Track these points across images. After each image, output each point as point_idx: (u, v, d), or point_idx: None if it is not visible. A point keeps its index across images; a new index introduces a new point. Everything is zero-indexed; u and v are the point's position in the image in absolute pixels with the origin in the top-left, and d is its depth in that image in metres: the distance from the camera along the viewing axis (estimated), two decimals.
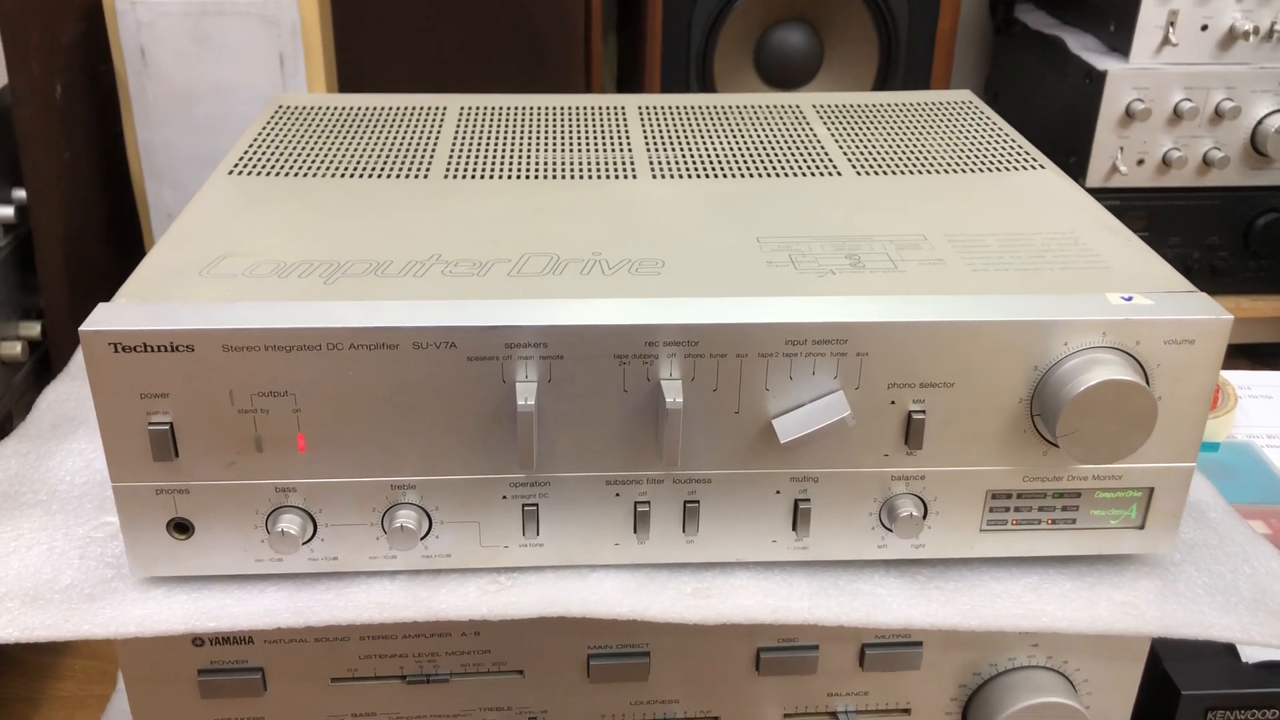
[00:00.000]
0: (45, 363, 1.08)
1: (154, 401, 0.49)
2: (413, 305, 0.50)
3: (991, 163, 0.68)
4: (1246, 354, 1.48)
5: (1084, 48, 1.43)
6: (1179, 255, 1.39)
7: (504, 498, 0.53)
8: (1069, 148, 1.42)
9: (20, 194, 1.02)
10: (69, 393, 0.69)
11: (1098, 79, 1.37)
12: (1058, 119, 1.47)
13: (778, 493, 0.53)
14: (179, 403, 0.49)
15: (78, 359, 0.73)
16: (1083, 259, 0.56)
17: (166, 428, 0.49)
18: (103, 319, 0.48)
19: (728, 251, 0.56)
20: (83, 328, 0.48)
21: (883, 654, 0.57)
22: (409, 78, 1.16)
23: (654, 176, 0.66)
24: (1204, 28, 1.34)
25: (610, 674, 0.57)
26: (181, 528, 0.52)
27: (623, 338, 0.49)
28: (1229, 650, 0.63)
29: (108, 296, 0.50)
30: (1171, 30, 1.34)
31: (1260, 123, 1.35)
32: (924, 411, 0.52)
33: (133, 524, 0.52)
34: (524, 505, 0.53)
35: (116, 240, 1.11)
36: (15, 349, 1.02)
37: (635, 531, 0.54)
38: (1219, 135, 1.36)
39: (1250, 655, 0.63)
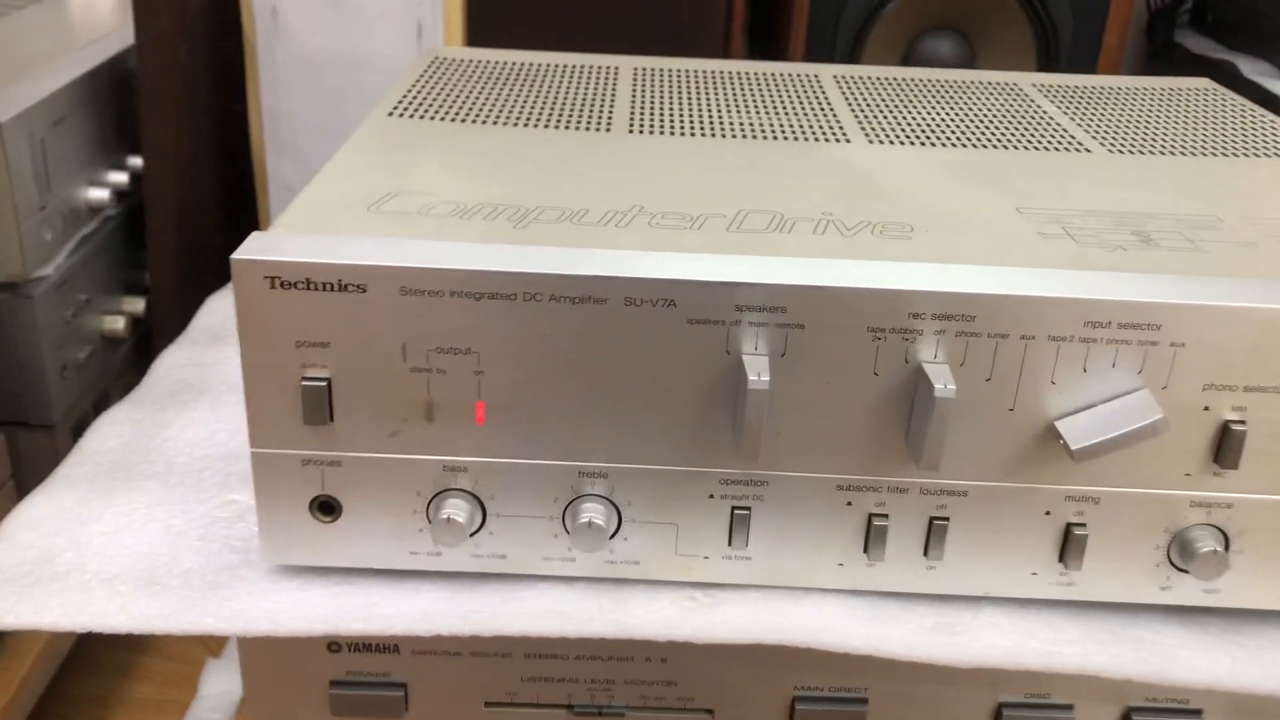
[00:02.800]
0: (147, 342, 1.02)
1: (312, 352, 0.41)
2: (626, 254, 0.41)
3: (1264, 147, 0.58)
4: None
5: (1258, 73, 1.33)
6: None
7: (710, 497, 0.44)
8: None
9: (136, 161, 0.97)
10: (189, 358, 0.61)
11: (1274, 105, 1.26)
12: None
13: (1047, 514, 0.43)
14: (341, 355, 0.41)
15: (198, 323, 0.65)
16: None
17: (324, 384, 0.41)
18: (261, 247, 0.40)
19: (986, 219, 0.47)
20: (235, 255, 0.40)
21: None
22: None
23: (869, 141, 0.57)
24: None
25: None
26: (327, 508, 0.44)
27: (882, 306, 0.40)
28: None
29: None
30: None
31: None
32: (1244, 422, 0.41)
33: (270, 500, 0.43)
34: (734, 508, 0.44)
35: (232, 218, 1.04)
36: (118, 324, 0.95)
37: (866, 550, 0.44)
38: None
39: None
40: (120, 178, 0.95)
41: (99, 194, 0.92)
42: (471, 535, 0.44)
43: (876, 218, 0.46)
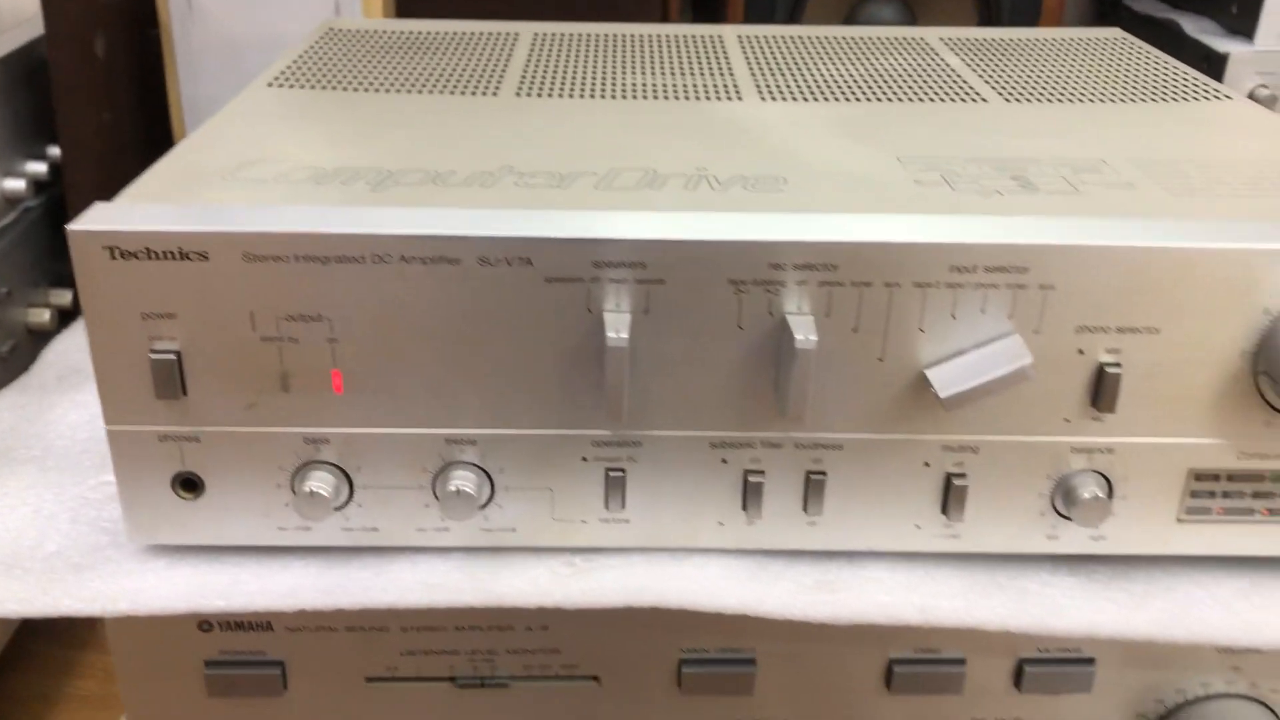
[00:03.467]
0: None
1: (158, 324, 0.40)
2: (480, 213, 0.40)
3: (1165, 93, 0.57)
4: None
5: (1201, 31, 1.32)
6: None
7: (584, 460, 0.43)
8: None
9: (55, 151, 0.95)
10: (80, 343, 0.60)
11: (1218, 63, 1.25)
12: None
13: (926, 465, 0.43)
14: (189, 326, 0.40)
15: None
16: None
17: (173, 357, 0.40)
18: (99, 218, 0.39)
19: (864, 170, 0.46)
20: (71, 226, 0.38)
21: (1045, 673, 0.46)
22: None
23: (762, 99, 0.56)
24: None
25: (707, 685, 0.46)
26: (189, 485, 0.43)
27: (742, 258, 0.39)
28: None
29: None
30: None
31: None
32: (1119, 364, 0.41)
33: (131, 479, 0.42)
34: (608, 470, 0.43)
35: None
36: (43, 317, 0.94)
37: (745, 509, 0.43)
38: None
39: None
40: (39, 168, 0.93)
41: (15, 185, 0.91)
42: (339, 508, 0.43)
43: (751, 172, 0.45)
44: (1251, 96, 1.24)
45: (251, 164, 0.45)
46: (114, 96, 0.94)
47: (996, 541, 0.44)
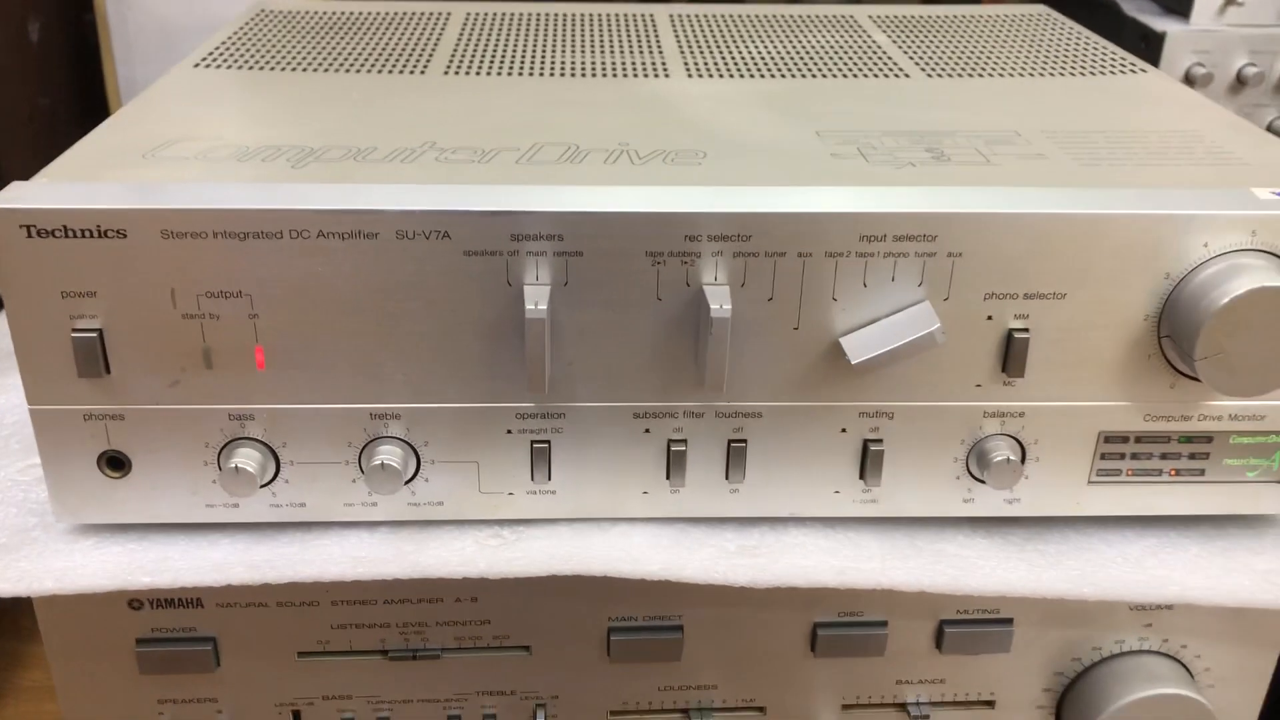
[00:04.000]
0: None
1: (79, 302, 0.40)
2: (398, 188, 0.40)
3: (1084, 67, 0.59)
4: None
5: (1139, 10, 1.34)
6: None
7: (509, 432, 0.43)
8: None
9: None
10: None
11: (1155, 42, 1.27)
12: None
13: (843, 431, 0.44)
14: (110, 304, 0.40)
15: None
16: (1212, 156, 0.46)
17: (94, 335, 0.40)
18: (14, 196, 0.39)
19: (782, 144, 0.47)
20: None
21: (965, 633, 0.47)
22: None
23: (689, 75, 0.56)
24: None
25: (635, 652, 0.47)
26: (115, 463, 0.43)
27: (658, 229, 0.40)
28: None
29: None
30: None
31: None
32: (1027, 330, 0.42)
33: (56, 458, 0.42)
34: (533, 442, 0.43)
35: None
36: None
37: (668, 477, 0.44)
38: None
39: None
40: None
41: None
42: (266, 485, 0.43)
43: (672, 146, 0.46)
44: (1187, 75, 1.26)
45: (172, 143, 0.45)
46: (49, 81, 0.93)
47: (914, 505, 0.45)
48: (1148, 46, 1.29)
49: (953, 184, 0.43)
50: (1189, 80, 1.28)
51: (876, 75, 0.57)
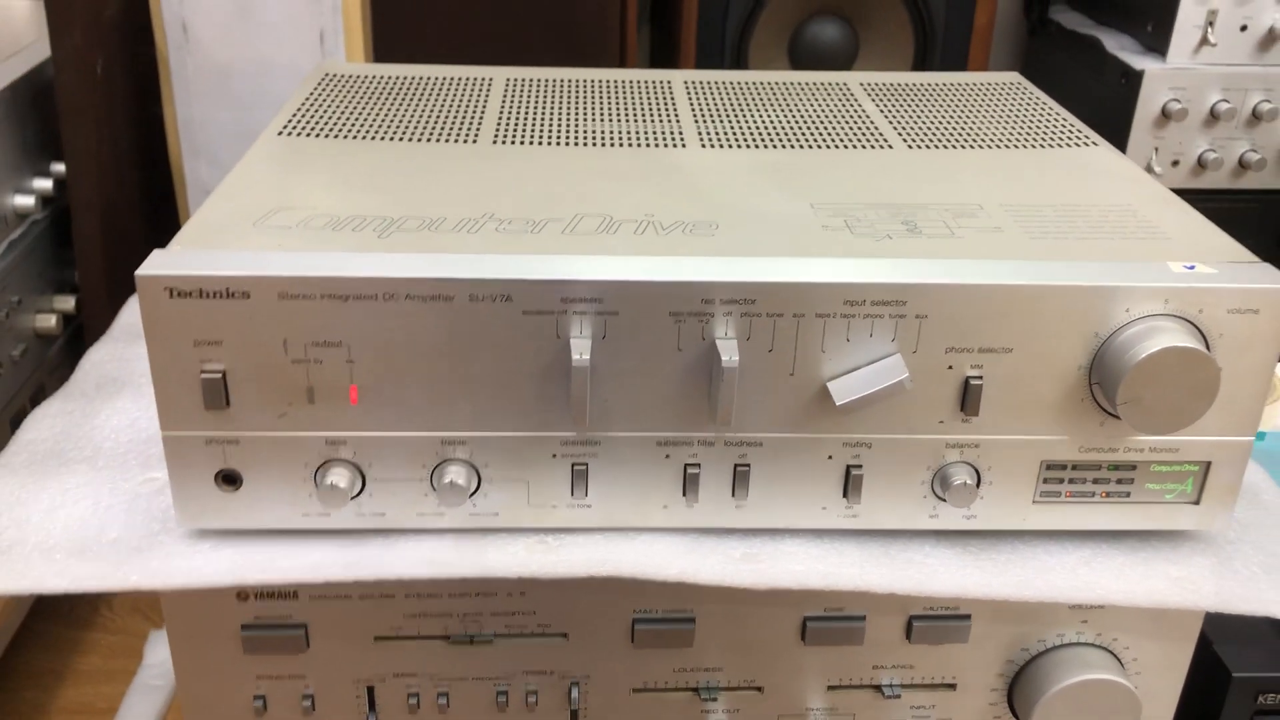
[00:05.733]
0: (79, 337, 1.08)
1: (207, 349, 0.49)
2: (469, 258, 0.50)
3: (1044, 139, 0.68)
4: None
5: (1121, 48, 1.42)
6: None
7: (554, 456, 0.52)
8: None
9: (59, 167, 1.03)
10: (112, 354, 0.69)
11: (1134, 79, 1.36)
12: (1093, 119, 1.45)
13: (830, 458, 0.53)
14: (232, 351, 0.49)
15: (120, 322, 0.73)
16: (1142, 229, 0.55)
17: (219, 376, 0.49)
18: (160, 264, 0.48)
19: (782, 216, 0.56)
20: (139, 272, 0.47)
21: (930, 626, 0.57)
22: (443, 60, 1.16)
23: (703, 146, 0.65)
24: (1243, 28, 1.33)
25: (655, 639, 0.57)
26: (230, 479, 0.52)
27: (679, 294, 0.49)
28: (1279, 633, 0.63)
29: None
30: (1210, 30, 1.33)
31: None
32: (981, 377, 0.51)
33: (181, 475, 0.51)
34: (573, 465, 0.53)
35: (153, 216, 1.11)
36: (50, 322, 1.02)
37: (684, 495, 0.53)
38: (1256, 137, 1.35)
39: None
40: (45, 184, 1.01)
41: (25, 201, 0.99)
42: (353, 498, 0.52)
43: (690, 218, 0.55)
44: (1164, 110, 1.36)
45: (275, 211, 0.54)
46: (113, 115, 1.02)
47: (888, 520, 0.54)
48: (1128, 83, 1.38)
49: (922, 256, 0.52)
50: (1165, 115, 1.37)
51: (863, 146, 0.66)
